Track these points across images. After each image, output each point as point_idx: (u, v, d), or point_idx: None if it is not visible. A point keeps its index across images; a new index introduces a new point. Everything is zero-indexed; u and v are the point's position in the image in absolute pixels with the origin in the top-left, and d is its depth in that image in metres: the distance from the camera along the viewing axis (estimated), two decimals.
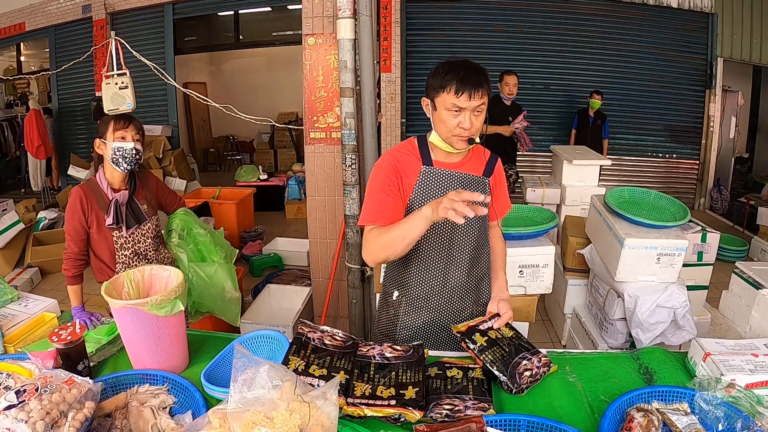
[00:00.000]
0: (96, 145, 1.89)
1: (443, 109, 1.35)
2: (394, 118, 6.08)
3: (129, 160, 1.87)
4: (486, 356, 1.26)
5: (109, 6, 6.59)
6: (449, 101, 1.33)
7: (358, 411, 1.05)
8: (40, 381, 1.00)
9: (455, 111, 1.33)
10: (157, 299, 1.20)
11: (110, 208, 1.89)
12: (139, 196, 2.01)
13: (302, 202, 6.14)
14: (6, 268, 4.28)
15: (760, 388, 1.12)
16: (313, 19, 2.65)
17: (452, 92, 1.31)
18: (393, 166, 1.44)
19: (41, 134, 6.41)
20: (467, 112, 1.33)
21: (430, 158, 1.47)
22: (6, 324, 1.48)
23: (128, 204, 1.95)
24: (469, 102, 1.32)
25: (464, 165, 1.49)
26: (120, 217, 1.92)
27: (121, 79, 3.75)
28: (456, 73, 1.32)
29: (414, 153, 1.48)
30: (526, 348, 1.32)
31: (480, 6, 6.04)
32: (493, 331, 1.39)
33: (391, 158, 1.47)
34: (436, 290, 1.51)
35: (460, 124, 1.34)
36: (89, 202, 1.87)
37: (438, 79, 1.35)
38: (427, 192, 1.45)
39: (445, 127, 1.37)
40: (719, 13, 5.97)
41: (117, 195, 1.91)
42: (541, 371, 1.25)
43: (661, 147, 6.43)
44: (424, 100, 1.44)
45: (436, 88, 1.36)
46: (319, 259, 3.02)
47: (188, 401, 1.15)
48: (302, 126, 2.84)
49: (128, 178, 1.97)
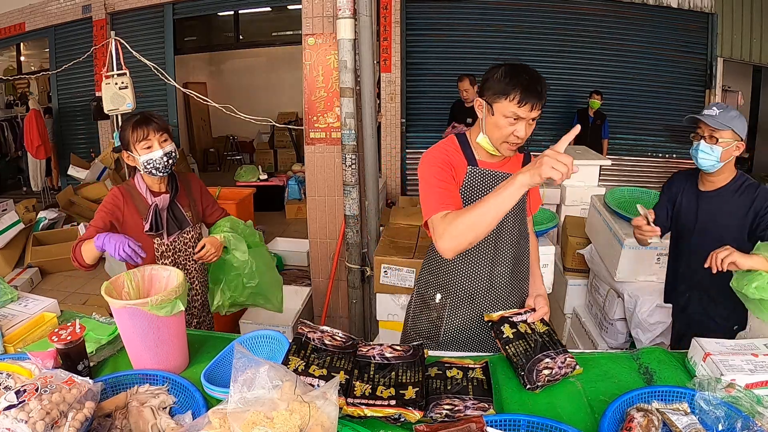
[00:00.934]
0: (125, 158, 1.73)
1: (501, 115, 1.32)
2: (394, 118, 6.08)
3: (163, 167, 1.69)
4: (509, 348, 1.27)
5: (109, 6, 6.59)
6: (510, 109, 1.30)
7: (358, 411, 1.05)
8: (40, 381, 1.00)
9: (513, 119, 1.31)
10: (157, 299, 1.19)
11: (149, 213, 1.71)
12: (182, 200, 1.82)
13: (302, 202, 6.14)
14: (6, 268, 4.29)
15: (760, 388, 1.12)
16: (313, 19, 2.65)
17: (515, 101, 1.29)
18: (446, 160, 1.41)
19: (41, 134, 6.41)
20: (524, 121, 1.32)
21: (475, 158, 1.46)
22: (6, 324, 1.47)
23: (169, 208, 1.77)
24: (529, 113, 1.30)
25: (505, 165, 1.48)
26: (160, 222, 1.74)
27: (121, 79, 3.75)
28: (521, 81, 1.28)
29: (458, 152, 1.46)
30: (553, 346, 1.31)
31: (480, 6, 6.04)
32: (524, 324, 1.39)
33: (442, 152, 1.44)
34: (482, 290, 1.51)
35: (515, 132, 1.33)
36: (127, 207, 1.71)
37: (501, 84, 1.30)
38: (472, 192, 1.43)
39: (499, 133, 1.35)
40: (719, 13, 5.97)
41: (157, 199, 1.74)
42: (562, 372, 1.24)
43: (661, 147, 6.43)
44: (478, 101, 1.39)
45: (497, 93, 1.31)
46: (319, 259, 3.02)
47: (188, 401, 1.15)
48: (302, 126, 2.84)
49: (168, 181, 1.80)
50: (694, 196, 1.83)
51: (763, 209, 1.68)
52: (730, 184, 1.76)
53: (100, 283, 1.37)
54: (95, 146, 7.15)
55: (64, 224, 5.10)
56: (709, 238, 1.74)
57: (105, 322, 1.49)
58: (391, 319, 2.53)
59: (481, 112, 1.39)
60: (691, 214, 1.83)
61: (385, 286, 2.46)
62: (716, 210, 1.77)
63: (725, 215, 1.75)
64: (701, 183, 1.82)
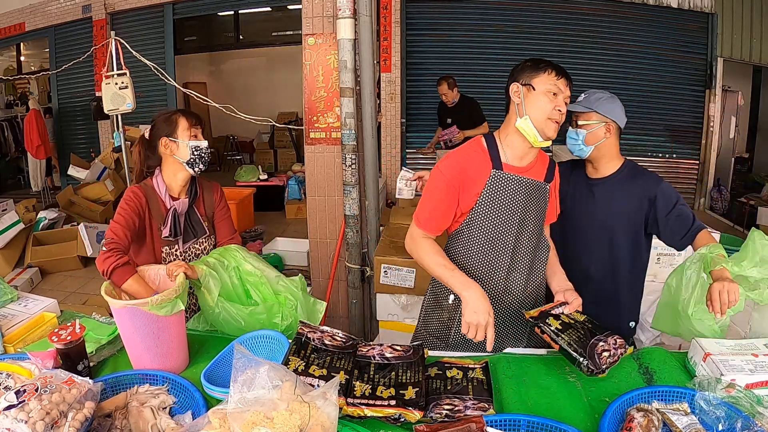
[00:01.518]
0: (162, 144, 1.63)
1: (541, 91, 1.38)
2: (394, 118, 6.08)
3: (205, 160, 1.65)
4: (563, 339, 1.27)
5: (109, 6, 6.59)
6: (550, 81, 1.38)
7: (358, 411, 1.05)
8: (40, 381, 1.00)
9: (555, 92, 1.38)
10: (157, 299, 1.20)
11: (167, 217, 1.63)
12: (199, 207, 1.74)
13: (302, 202, 6.14)
14: (6, 268, 4.29)
15: (760, 388, 1.12)
16: (313, 19, 2.65)
17: (553, 74, 1.38)
18: (456, 176, 1.44)
19: (41, 134, 6.42)
20: (561, 97, 1.39)
21: (500, 161, 1.46)
22: (6, 324, 1.47)
23: (187, 213, 1.70)
24: (565, 87, 1.39)
25: (531, 170, 1.49)
26: (178, 228, 1.66)
27: (121, 79, 3.75)
28: (550, 63, 1.40)
29: (483, 155, 1.46)
30: (600, 331, 1.32)
31: (480, 6, 6.04)
32: (565, 315, 1.39)
33: (457, 165, 1.46)
34: (497, 295, 1.52)
35: (557, 106, 1.38)
36: (143, 208, 1.61)
37: (534, 67, 1.40)
38: (494, 196, 1.44)
39: (541, 109, 1.38)
40: (719, 13, 5.96)
41: (175, 203, 1.66)
42: (619, 352, 1.26)
43: (661, 147, 6.42)
44: (514, 86, 1.42)
45: (534, 71, 1.39)
46: (319, 259, 3.02)
47: (188, 401, 1.15)
48: (302, 126, 2.84)
49: (189, 185, 1.71)
50: (584, 185, 1.73)
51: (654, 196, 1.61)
52: (617, 174, 1.68)
53: (100, 283, 1.37)
54: (95, 146, 7.15)
55: (64, 224, 5.10)
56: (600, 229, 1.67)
57: (105, 322, 1.49)
58: (391, 319, 2.53)
59: (518, 97, 1.42)
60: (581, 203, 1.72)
61: (385, 286, 2.46)
62: (606, 199, 1.68)
63: (616, 204, 1.66)
64: (588, 171, 1.74)
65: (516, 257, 1.50)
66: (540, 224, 1.53)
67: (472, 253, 1.50)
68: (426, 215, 1.48)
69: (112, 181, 5.74)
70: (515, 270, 1.51)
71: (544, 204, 1.53)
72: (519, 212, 1.46)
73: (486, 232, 1.47)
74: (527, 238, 1.50)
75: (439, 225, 1.49)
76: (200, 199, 1.75)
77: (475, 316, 1.31)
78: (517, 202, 1.46)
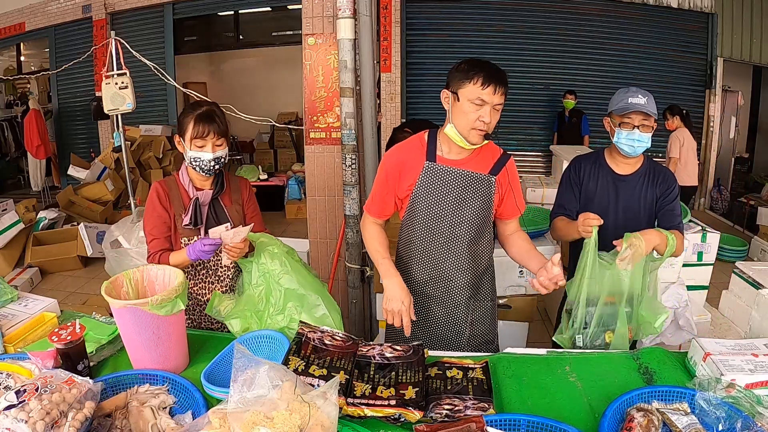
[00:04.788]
0: (176, 141, 1.66)
1: (466, 100, 1.38)
2: (394, 118, 6.08)
3: (207, 170, 1.61)
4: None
5: (109, 6, 6.59)
6: (474, 93, 1.36)
7: (358, 411, 1.05)
8: (40, 381, 1.00)
9: (478, 104, 1.37)
10: (157, 299, 1.19)
11: (189, 206, 1.63)
12: (225, 200, 1.73)
13: (302, 202, 6.14)
14: (6, 268, 4.29)
15: (760, 388, 1.12)
16: (313, 19, 2.65)
17: (478, 84, 1.36)
18: (395, 163, 1.54)
19: (41, 134, 6.41)
20: (488, 106, 1.38)
21: (435, 154, 1.52)
22: (6, 324, 1.47)
23: (211, 204, 1.69)
24: (492, 96, 1.37)
25: (469, 162, 1.52)
26: (199, 217, 1.64)
27: (121, 79, 3.75)
28: (482, 68, 1.37)
29: (421, 147, 1.53)
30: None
31: (480, 6, 6.05)
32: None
33: (397, 156, 1.56)
34: (436, 281, 1.61)
35: (480, 117, 1.38)
36: (168, 199, 1.63)
37: (463, 72, 1.38)
38: (429, 188, 1.52)
39: (465, 120, 1.40)
40: (719, 13, 5.97)
41: (199, 193, 1.66)
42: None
43: (662, 147, 6.42)
44: (444, 93, 1.46)
45: (461, 79, 1.39)
46: (319, 259, 3.02)
47: (188, 401, 1.15)
48: (302, 126, 2.84)
49: (215, 179, 1.70)
50: (610, 181, 1.78)
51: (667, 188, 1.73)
52: (641, 168, 1.77)
53: (100, 283, 1.37)
54: (95, 146, 7.15)
55: (64, 224, 5.10)
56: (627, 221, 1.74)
57: (105, 322, 1.49)
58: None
59: (448, 104, 1.45)
60: (607, 198, 1.78)
61: None
62: (635, 194, 1.77)
63: (643, 198, 1.76)
64: (616, 167, 1.78)
65: (452, 245, 1.57)
66: (483, 215, 1.56)
67: (412, 239, 1.61)
68: (369, 200, 1.63)
69: (112, 181, 5.74)
70: (452, 257, 1.58)
71: (487, 196, 1.55)
72: (453, 202, 1.53)
73: (422, 219, 1.56)
74: (466, 227, 1.55)
75: (380, 210, 1.61)
76: (226, 192, 1.73)
77: (390, 303, 1.44)
78: (450, 192, 1.52)
